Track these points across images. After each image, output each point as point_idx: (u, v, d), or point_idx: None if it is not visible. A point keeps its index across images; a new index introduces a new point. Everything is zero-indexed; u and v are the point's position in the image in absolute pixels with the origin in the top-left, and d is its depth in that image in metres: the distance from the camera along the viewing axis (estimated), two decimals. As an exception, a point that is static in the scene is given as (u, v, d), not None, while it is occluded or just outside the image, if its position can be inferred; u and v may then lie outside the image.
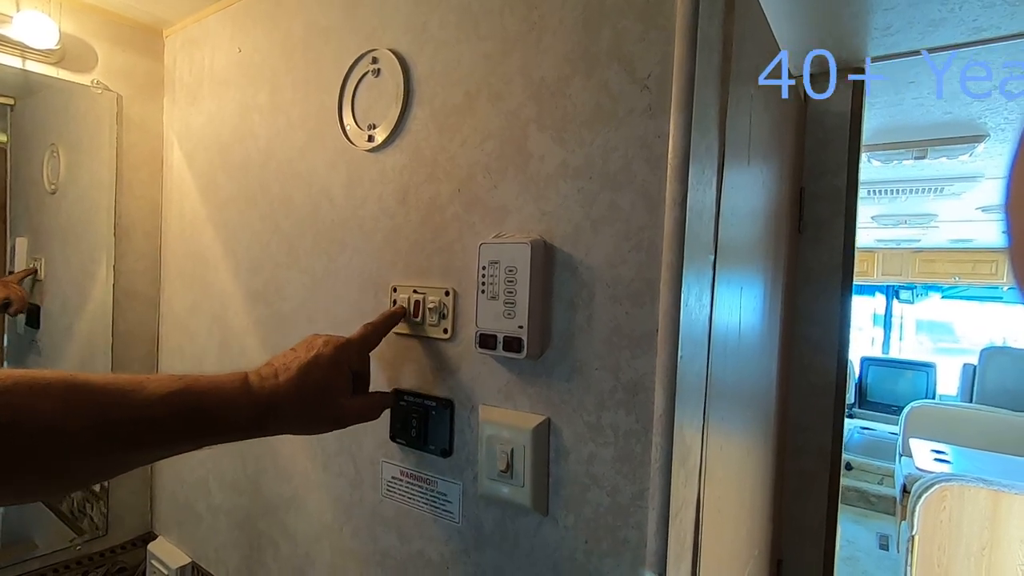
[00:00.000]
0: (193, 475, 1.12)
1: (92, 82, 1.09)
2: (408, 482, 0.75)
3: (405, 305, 0.73)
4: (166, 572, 1.12)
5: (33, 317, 1.20)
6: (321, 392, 0.57)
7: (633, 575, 0.56)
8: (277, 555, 0.94)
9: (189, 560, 1.12)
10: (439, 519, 0.71)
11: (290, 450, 0.91)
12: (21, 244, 1.18)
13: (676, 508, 0.55)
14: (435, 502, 0.72)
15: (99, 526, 1.16)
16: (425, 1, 0.72)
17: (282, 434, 0.57)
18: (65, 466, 0.43)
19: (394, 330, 0.75)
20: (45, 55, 1.03)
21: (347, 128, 0.81)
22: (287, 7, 0.92)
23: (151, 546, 1.18)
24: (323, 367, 0.57)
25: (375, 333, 0.66)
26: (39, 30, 0.97)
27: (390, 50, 0.76)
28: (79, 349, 1.19)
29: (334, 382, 0.58)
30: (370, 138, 0.78)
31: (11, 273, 1.15)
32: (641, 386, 0.55)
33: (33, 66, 1.02)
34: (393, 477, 0.76)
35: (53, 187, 1.18)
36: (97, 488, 1.17)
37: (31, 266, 1.16)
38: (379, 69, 0.77)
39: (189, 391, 0.50)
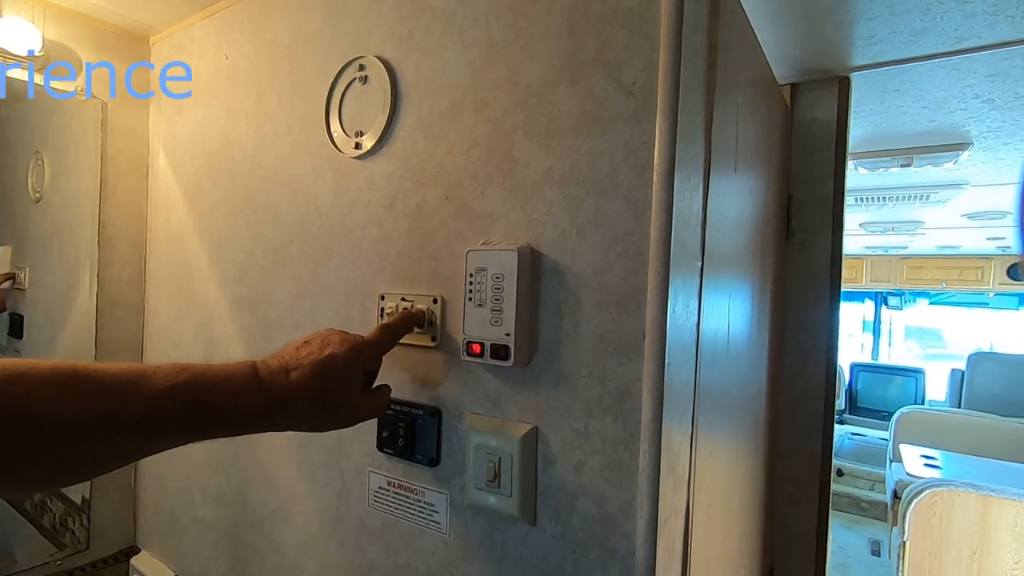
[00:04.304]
0: (177, 487, 1.10)
1: (77, 89, 1.08)
2: (395, 492, 0.74)
3: (409, 309, 0.71)
4: (149, 587, 1.10)
5: (16, 327, 1.18)
6: (334, 394, 0.55)
7: (622, 585, 0.55)
8: (263, 568, 0.92)
9: (173, 574, 1.10)
10: (426, 530, 0.70)
11: (276, 461, 0.90)
12: (5, 253, 1.16)
13: (665, 516, 0.55)
14: (422, 512, 0.71)
15: (81, 540, 1.14)
16: (410, 8, 0.72)
17: (287, 430, 0.55)
18: (68, 458, 0.42)
19: (381, 338, 0.74)
20: (29, 61, 1.01)
21: (334, 135, 0.81)
22: (273, 13, 0.91)
23: (134, 560, 1.16)
24: (337, 369, 0.55)
25: (390, 336, 0.63)
26: (22, 37, 0.96)
27: (377, 57, 0.75)
28: (62, 359, 1.17)
29: (347, 384, 0.56)
30: (357, 145, 0.78)
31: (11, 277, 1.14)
32: (628, 393, 0.55)
33: (16, 73, 1.01)
34: (380, 487, 0.75)
35: (38, 195, 1.16)
36: (79, 500, 1.15)
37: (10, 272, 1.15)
38: (366, 76, 0.77)
39: (197, 383, 0.48)
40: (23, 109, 1.13)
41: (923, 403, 4.86)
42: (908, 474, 2.75)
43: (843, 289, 1.20)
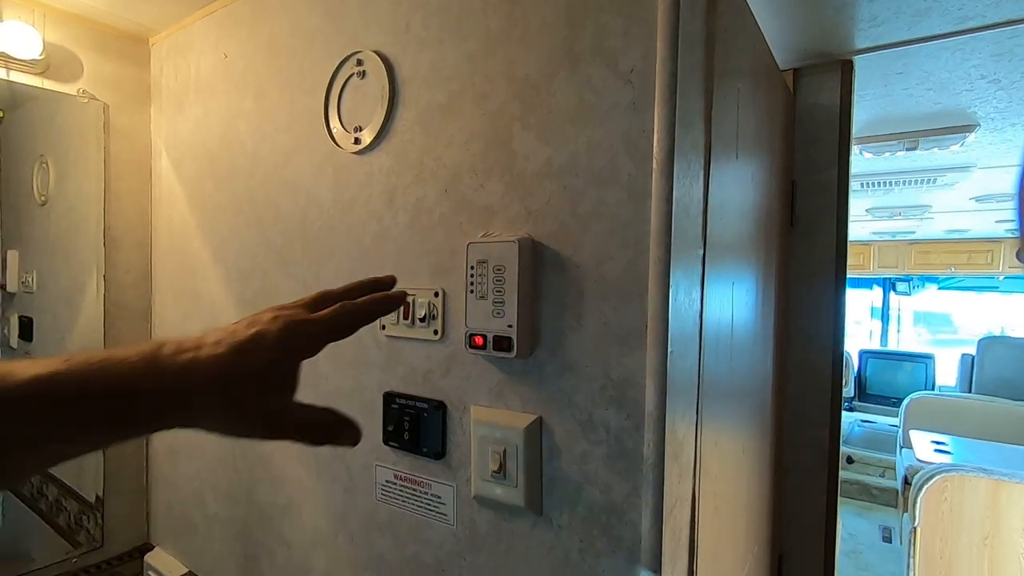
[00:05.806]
0: (189, 486, 1.11)
1: (78, 91, 1.09)
2: (402, 485, 0.74)
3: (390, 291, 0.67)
4: (163, 583, 1.11)
5: (26, 329, 1.20)
6: (256, 381, 0.38)
7: (629, 574, 0.55)
8: (273, 564, 0.93)
9: (186, 570, 1.11)
10: (434, 522, 0.71)
11: (283, 458, 0.91)
12: (13, 257, 1.17)
13: (670, 505, 0.55)
14: (429, 504, 0.71)
15: (96, 538, 1.15)
16: (407, 2, 0.72)
17: (195, 428, 0.38)
18: None
19: (385, 333, 0.74)
20: (29, 65, 1.02)
21: (333, 131, 0.81)
22: (270, 10, 0.91)
23: (148, 557, 1.17)
24: (265, 350, 0.39)
25: (351, 317, 0.42)
26: (22, 40, 0.96)
27: (374, 52, 0.75)
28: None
29: (273, 372, 0.39)
30: (356, 140, 0.78)
31: (2, 286, 1.15)
32: (631, 383, 0.55)
33: (17, 77, 1.02)
34: (387, 481, 0.76)
35: (43, 199, 1.17)
36: (92, 499, 1.16)
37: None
38: (364, 71, 0.77)
39: (70, 370, 0.34)
40: (26, 113, 1.14)
41: (933, 389, 4.82)
42: (918, 460, 2.73)
43: (850, 275, 1.19)
